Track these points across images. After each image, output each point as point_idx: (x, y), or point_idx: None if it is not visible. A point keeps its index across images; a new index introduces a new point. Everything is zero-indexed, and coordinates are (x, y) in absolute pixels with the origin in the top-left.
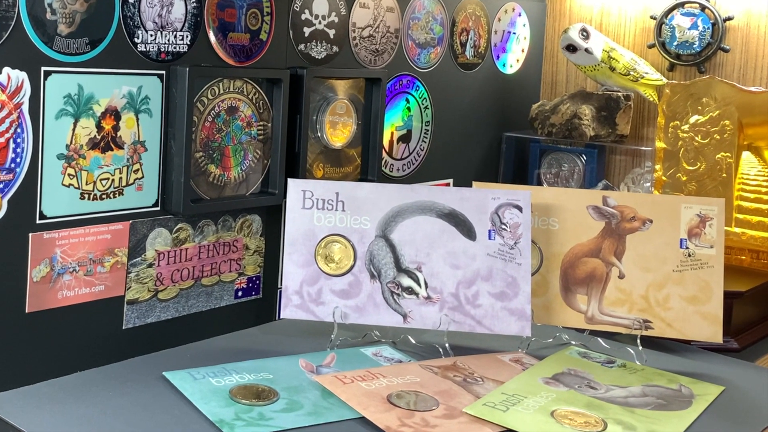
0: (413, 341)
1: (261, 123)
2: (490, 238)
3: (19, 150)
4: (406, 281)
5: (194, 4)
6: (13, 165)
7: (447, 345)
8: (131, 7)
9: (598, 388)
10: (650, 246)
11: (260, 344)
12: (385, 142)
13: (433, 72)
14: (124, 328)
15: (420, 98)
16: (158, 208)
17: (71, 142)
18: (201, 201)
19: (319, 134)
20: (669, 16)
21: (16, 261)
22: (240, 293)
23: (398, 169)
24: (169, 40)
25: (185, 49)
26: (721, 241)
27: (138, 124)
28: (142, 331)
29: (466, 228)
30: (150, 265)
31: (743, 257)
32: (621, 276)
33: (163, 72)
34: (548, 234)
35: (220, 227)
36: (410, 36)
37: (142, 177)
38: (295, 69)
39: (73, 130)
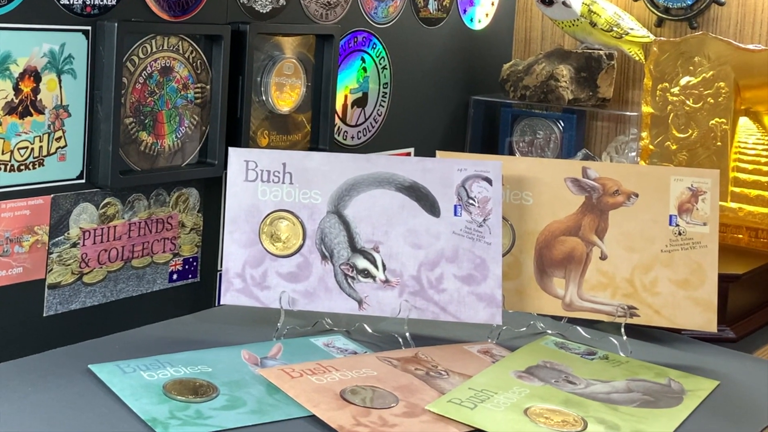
0: (369, 330)
1: (198, 85)
2: (455, 215)
3: None
4: (362, 263)
5: None
6: None
7: (407, 334)
8: None
9: (577, 383)
10: (636, 223)
11: (198, 334)
12: (338, 107)
13: (391, 28)
14: (44, 315)
15: (377, 57)
16: (83, 181)
17: None
18: (131, 173)
19: (263, 98)
20: None
21: None
22: (175, 276)
23: (353, 137)
24: None
25: (113, 2)
26: (716, 217)
27: (60, 87)
28: (65, 319)
29: (428, 203)
30: (74, 245)
31: (740, 236)
32: (603, 257)
33: (89, 28)
34: (521, 210)
35: (152, 202)
36: None
37: (65, 146)
38: (236, 24)
39: None
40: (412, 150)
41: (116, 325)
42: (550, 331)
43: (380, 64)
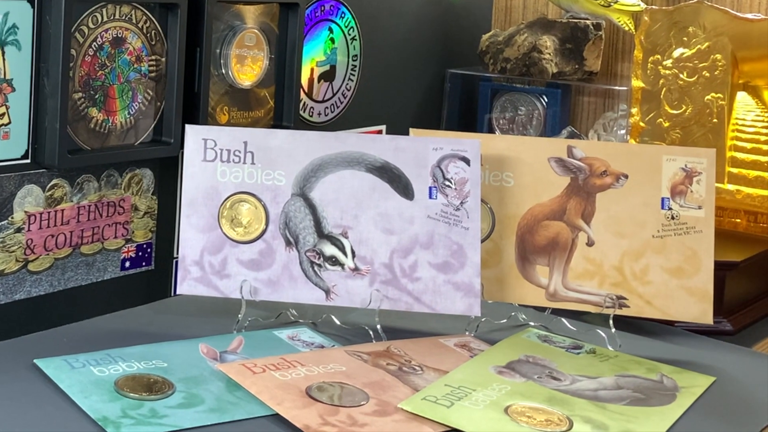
0: (338, 322)
1: (153, 57)
2: (431, 197)
3: None
4: (329, 249)
5: None
6: None
7: (379, 327)
8: None
9: (562, 379)
10: (625, 206)
11: (152, 326)
12: (304, 81)
13: None
14: None
15: (346, 27)
16: (28, 161)
17: None
18: (80, 152)
19: (223, 71)
20: None
21: None
22: (127, 264)
23: (320, 114)
24: None
25: None
26: (712, 200)
27: (4, 59)
28: (8, 310)
29: (401, 185)
30: (18, 230)
31: (738, 220)
32: (590, 243)
33: None
34: (501, 192)
35: (103, 184)
36: None
37: (9, 123)
38: None
39: None
40: (383, 127)
41: (64, 316)
42: (532, 323)
43: (349, 34)
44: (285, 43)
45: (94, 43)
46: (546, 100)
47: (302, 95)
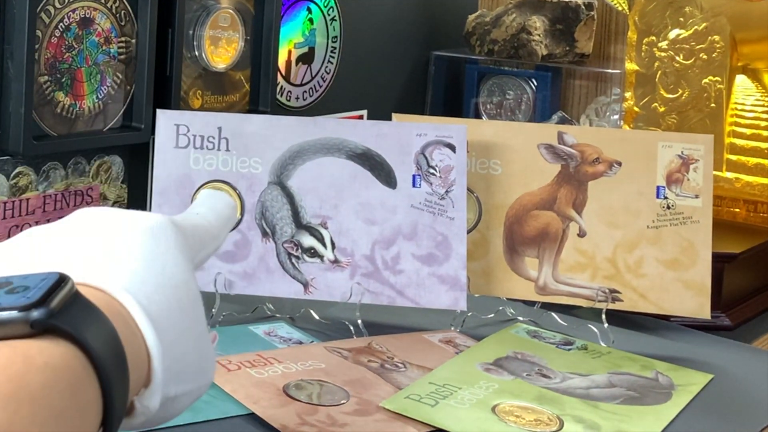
0: (317, 317)
1: (123, 39)
2: (414, 186)
3: None
4: (308, 240)
5: None
6: None
7: (360, 322)
8: None
9: (552, 377)
10: (619, 195)
11: None
12: (281, 64)
13: None
14: None
15: (325, 7)
16: None
17: None
18: (46, 138)
19: (196, 53)
20: None
21: None
22: None
23: (297, 98)
24: None
25: None
26: (709, 189)
27: None
28: None
29: (384, 172)
30: None
31: (737, 209)
32: (581, 234)
33: None
34: (489, 180)
35: (70, 172)
36: None
37: None
38: None
39: None
40: (365, 113)
41: None
42: (521, 318)
43: (329, 14)
44: (261, 24)
45: (61, 23)
46: (535, 83)
47: (279, 79)
